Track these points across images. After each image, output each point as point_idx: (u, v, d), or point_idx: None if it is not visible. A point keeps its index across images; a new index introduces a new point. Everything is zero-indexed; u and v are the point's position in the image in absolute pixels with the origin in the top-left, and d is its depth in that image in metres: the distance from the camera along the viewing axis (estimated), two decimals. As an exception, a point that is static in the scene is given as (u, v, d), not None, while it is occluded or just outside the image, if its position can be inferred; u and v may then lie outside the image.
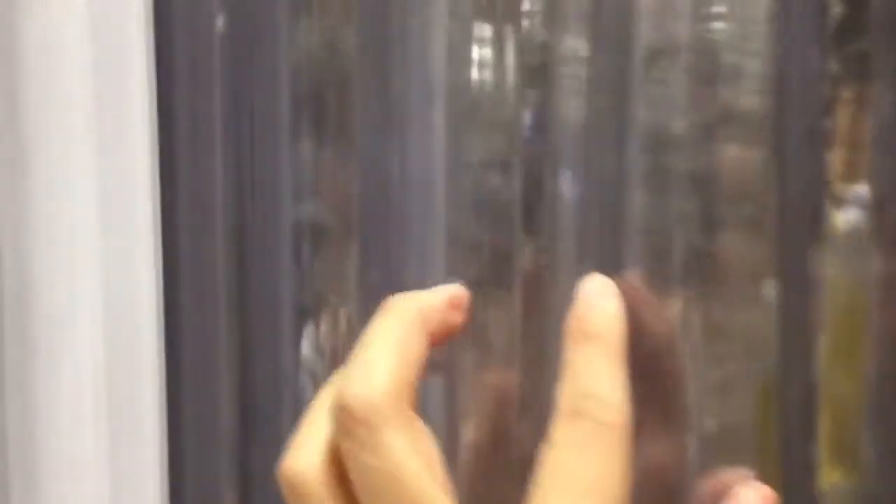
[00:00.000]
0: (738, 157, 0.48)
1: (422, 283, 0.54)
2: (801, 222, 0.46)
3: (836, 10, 0.47)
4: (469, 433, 0.50)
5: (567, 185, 0.51)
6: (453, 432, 0.52)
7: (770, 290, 0.47)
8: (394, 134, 0.55)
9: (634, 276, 0.45)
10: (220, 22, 0.57)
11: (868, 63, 0.46)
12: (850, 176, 0.46)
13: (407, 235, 0.55)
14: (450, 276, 0.53)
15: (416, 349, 0.31)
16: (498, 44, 0.54)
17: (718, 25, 0.49)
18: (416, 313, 0.31)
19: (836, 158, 0.46)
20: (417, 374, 0.30)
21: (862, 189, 0.46)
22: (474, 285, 0.52)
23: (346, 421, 0.29)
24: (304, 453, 0.30)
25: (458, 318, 0.32)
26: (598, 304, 0.31)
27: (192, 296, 0.57)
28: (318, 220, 0.56)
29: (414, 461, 0.28)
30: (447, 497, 0.28)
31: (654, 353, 0.36)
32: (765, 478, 0.49)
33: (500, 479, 0.44)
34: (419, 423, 0.29)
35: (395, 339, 0.30)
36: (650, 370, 0.36)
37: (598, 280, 0.31)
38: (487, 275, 0.53)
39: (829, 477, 0.47)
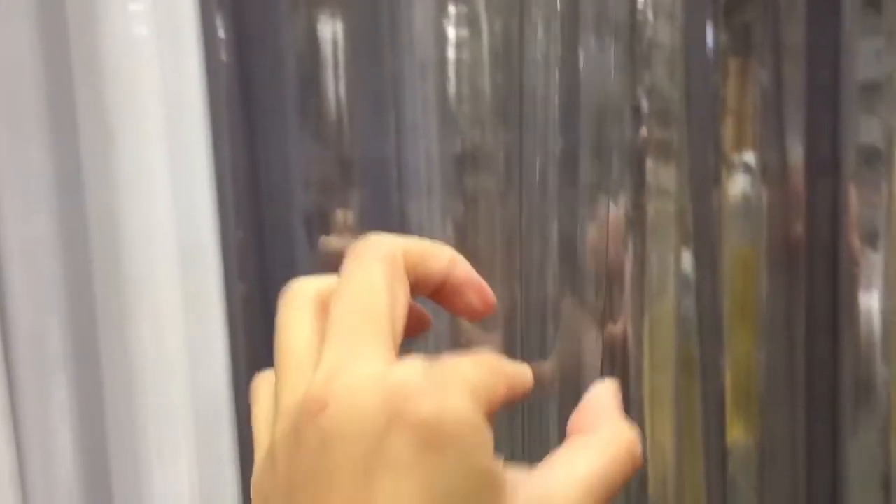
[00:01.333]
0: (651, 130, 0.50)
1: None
2: (705, 190, 0.49)
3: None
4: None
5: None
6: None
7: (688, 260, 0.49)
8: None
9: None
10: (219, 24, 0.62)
11: (751, 35, 0.47)
12: (740, 144, 0.48)
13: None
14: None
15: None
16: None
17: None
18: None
19: (727, 128, 0.48)
20: (424, 273, 0.31)
21: (749, 156, 0.47)
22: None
23: (358, 247, 0.30)
24: (313, 279, 0.31)
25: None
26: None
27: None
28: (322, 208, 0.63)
29: (389, 299, 0.29)
30: (392, 342, 0.29)
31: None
32: (686, 436, 0.51)
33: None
34: (407, 291, 0.30)
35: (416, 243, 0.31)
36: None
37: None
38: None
39: (734, 434, 0.49)
